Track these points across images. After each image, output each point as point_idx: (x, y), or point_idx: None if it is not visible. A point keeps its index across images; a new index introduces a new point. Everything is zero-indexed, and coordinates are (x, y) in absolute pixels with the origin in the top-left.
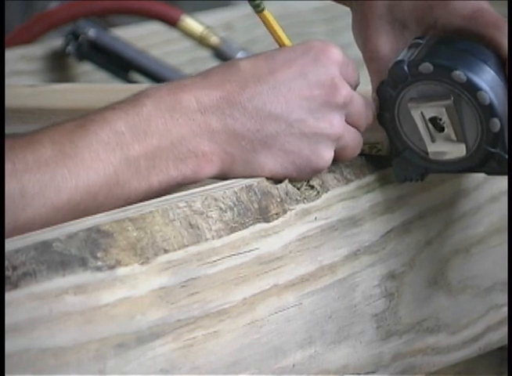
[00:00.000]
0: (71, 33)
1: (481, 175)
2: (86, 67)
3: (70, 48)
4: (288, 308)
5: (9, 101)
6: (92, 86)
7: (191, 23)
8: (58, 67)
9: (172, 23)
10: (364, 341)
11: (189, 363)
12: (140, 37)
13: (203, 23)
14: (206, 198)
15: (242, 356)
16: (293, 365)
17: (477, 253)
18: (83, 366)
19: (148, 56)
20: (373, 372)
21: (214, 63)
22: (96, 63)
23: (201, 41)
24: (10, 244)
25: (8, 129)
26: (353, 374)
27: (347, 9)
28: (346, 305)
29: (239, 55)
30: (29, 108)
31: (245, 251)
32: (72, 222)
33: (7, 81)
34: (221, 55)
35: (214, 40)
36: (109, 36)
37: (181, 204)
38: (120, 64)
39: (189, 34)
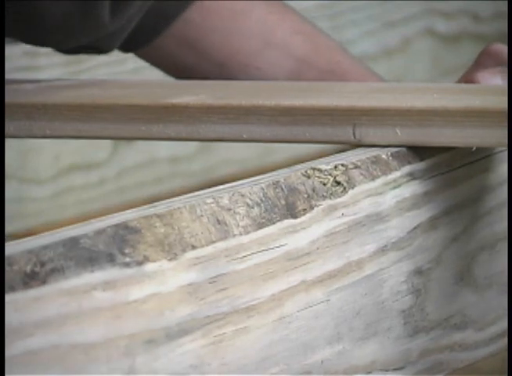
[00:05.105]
0: None
1: (505, 172)
2: (91, 63)
3: None
4: (316, 304)
5: (14, 96)
6: (97, 81)
7: None
8: (62, 63)
9: None
10: (392, 337)
11: (218, 359)
12: None
13: None
14: (233, 194)
15: (271, 352)
16: (322, 361)
17: (503, 249)
18: (113, 362)
19: None
20: (401, 368)
21: None
22: None
23: None
24: (38, 241)
25: (13, 125)
26: (381, 370)
27: (351, 5)
28: (373, 301)
29: None
30: (34, 104)
31: (273, 247)
32: (100, 219)
33: (12, 76)
34: None
35: None
36: None
37: (208, 201)
38: None
39: None
